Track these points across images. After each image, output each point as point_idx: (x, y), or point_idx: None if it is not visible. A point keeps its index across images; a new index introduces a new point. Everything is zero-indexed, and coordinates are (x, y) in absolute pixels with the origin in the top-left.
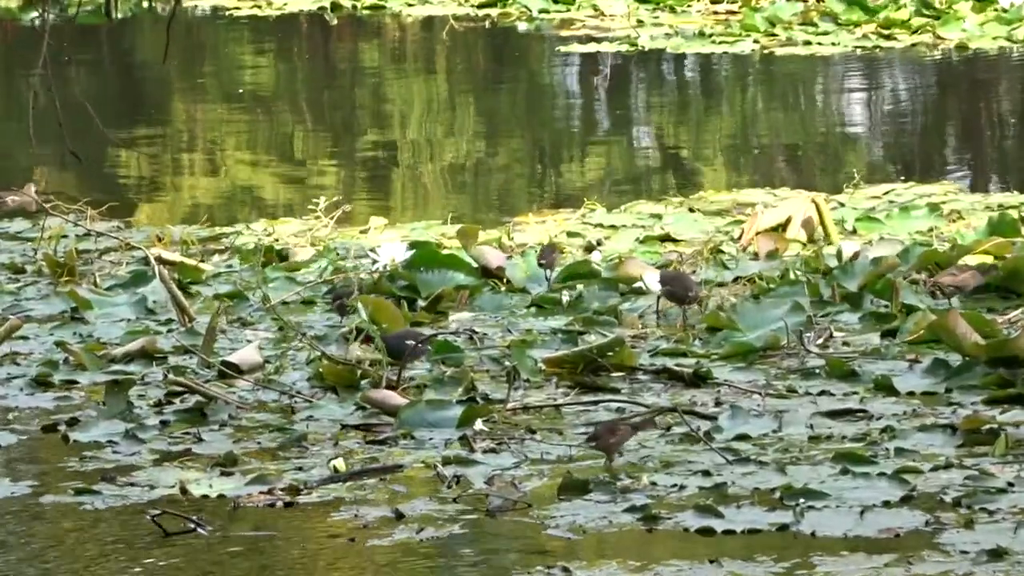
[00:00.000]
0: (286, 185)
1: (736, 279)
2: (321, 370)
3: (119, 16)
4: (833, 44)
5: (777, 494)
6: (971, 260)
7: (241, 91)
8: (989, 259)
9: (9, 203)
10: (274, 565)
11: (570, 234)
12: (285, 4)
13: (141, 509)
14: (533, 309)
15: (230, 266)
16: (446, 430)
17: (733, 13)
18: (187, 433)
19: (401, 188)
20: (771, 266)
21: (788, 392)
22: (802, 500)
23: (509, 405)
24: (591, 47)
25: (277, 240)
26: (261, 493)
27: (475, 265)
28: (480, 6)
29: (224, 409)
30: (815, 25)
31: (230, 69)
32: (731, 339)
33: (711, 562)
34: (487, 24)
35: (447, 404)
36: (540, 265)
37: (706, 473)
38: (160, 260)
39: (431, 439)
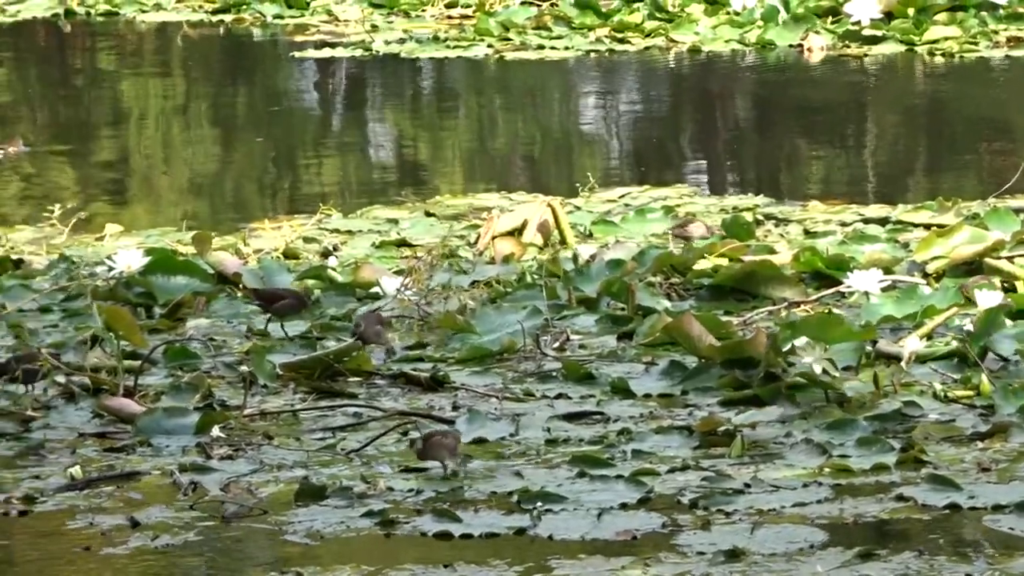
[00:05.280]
0: (20, 193)
1: (473, 283)
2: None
3: None
4: (566, 48)
5: (515, 497)
6: (706, 264)
7: None
8: (724, 261)
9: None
10: (7, 574)
11: (306, 240)
12: (19, 11)
13: None
14: (270, 315)
15: None
16: (183, 437)
17: (467, 18)
18: None
19: (137, 195)
20: (508, 270)
21: (525, 395)
22: (539, 503)
23: (246, 411)
24: (325, 52)
25: (12, 248)
26: None
27: (211, 271)
28: (214, 12)
29: None
30: (549, 29)
31: None
32: (468, 343)
33: (446, 567)
34: (221, 31)
35: (184, 411)
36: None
37: (444, 477)
38: None
39: (168, 446)
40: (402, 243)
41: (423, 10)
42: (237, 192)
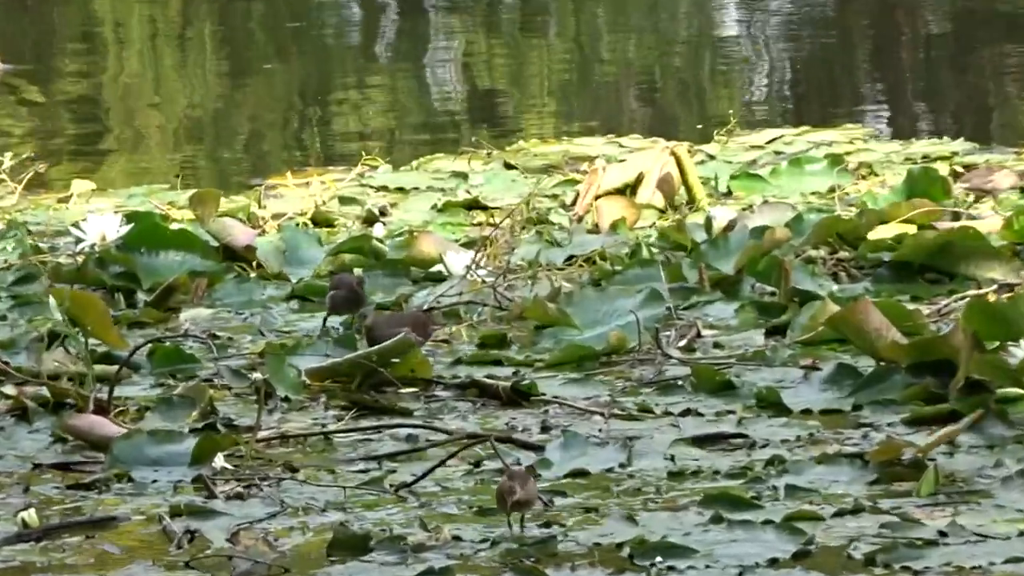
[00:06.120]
0: None
1: (569, 259)
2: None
3: None
4: None
5: (626, 551)
6: (887, 231)
7: None
8: (910, 228)
9: None
10: None
11: (343, 200)
12: None
13: None
14: (295, 303)
15: None
16: (176, 469)
17: None
18: None
19: (115, 140)
20: (617, 241)
21: (641, 412)
22: (659, 559)
23: (261, 434)
24: None
25: None
26: None
27: (215, 244)
28: None
29: None
30: None
31: None
32: (563, 340)
33: None
34: None
35: (177, 434)
36: None
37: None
38: None
39: (155, 482)
40: (473, 205)
41: None
42: (250, 136)
